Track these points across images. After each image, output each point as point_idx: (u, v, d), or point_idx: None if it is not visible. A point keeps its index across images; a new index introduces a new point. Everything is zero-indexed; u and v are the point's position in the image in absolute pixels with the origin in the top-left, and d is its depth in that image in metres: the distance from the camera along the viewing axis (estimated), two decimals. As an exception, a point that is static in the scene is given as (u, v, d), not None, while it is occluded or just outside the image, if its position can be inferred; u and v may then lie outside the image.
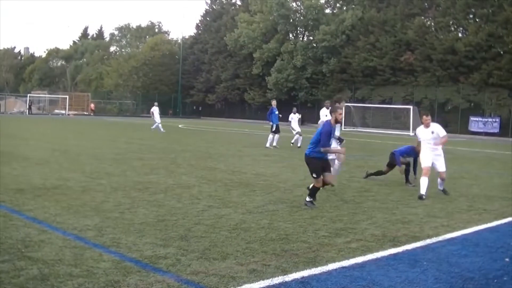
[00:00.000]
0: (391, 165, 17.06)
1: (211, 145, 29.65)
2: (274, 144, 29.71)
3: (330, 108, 14.10)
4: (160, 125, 42.30)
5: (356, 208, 12.00)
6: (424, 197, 13.56)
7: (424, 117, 14.84)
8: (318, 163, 11.95)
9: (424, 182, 13.78)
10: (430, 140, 14.43)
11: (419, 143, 15.23)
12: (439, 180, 14.55)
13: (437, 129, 14.40)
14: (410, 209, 12.15)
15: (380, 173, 17.39)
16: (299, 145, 30.19)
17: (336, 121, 12.30)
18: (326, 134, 11.65)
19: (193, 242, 8.31)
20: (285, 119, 32.01)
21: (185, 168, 18.28)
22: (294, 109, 33.98)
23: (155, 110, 44.21)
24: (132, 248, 7.81)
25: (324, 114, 19.03)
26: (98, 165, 17.85)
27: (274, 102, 32.29)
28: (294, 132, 31.43)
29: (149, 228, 9.13)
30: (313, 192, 12.04)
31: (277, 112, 30.81)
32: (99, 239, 8.26)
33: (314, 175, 11.96)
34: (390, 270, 7.41)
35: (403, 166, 16.84)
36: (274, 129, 30.05)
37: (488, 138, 60.30)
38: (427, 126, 14.60)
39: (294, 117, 32.26)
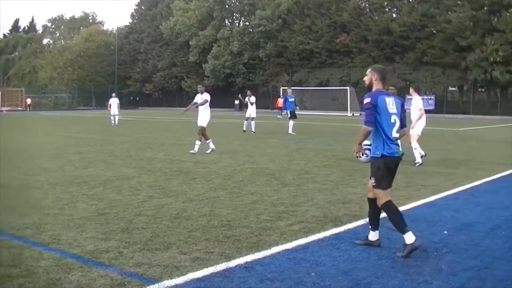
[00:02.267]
0: None
1: (150, 135, 29.47)
2: (290, 131, 30.58)
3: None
4: (112, 117, 40.75)
5: (297, 190, 12.07)
6: None
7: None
8: None
9: None
10: None
11: None
12: None
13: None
14: (350, 188, 12.28)
15: None
16: (253, 130, 31.01)
17: None
18: None
19: (135, 234, 8.26)
20: (230, 105, 31.90)
21: (124, 159, 18.13)
22: (248, 91, 33.75)
23: (114, 101, 42.52)
24: (73, 244, 7.71)
25: None
26: (34, 161, 17.58)
27: (289, 90, 33.58)
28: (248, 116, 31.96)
29: (89, 222, 9.02)
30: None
31: (292, 100, 31.65)
32: (38, 237, 8.12)
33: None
34: (333, 250, 7.49)
35: None
36: (290, 115, 31.19)
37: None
38: None
39: (251, 100, 32.13)
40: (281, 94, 35.37)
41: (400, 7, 70.73)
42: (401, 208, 9.71)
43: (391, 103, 7.48)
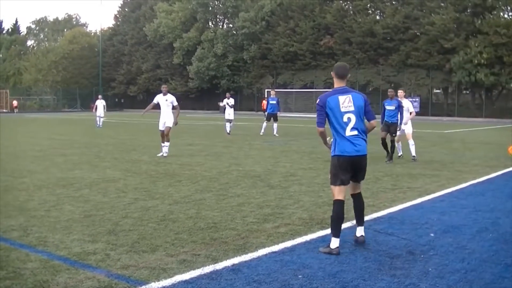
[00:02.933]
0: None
1: (135, 137, 29.43)
2: (262, 132, 31.51)
3: None
4: (97, 118, 40.77)
5: (283, 193, 12.08)
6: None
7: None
8: None
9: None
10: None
11: None
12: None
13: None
14: (336, 191, 12.31)
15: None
16: (228, 131, 31.27)
17: None
18: None
19: (122, 236, 8.24)
20: (214, 107, 31.82)
21: (109, 161, 18.10)
22: (228, 94, 33.89)
23: (100, 103, 42.05)
24: (59, 246, 7.69)
25: None
26: (19, 163, 17.50)
27: (272, 92, 33.77)
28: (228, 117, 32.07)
29: (76, 224, 9.00)
30: None
31: (273, 102, 32.09)
32: (25, 239, 8.10)
33: None
34: (320, 253, 7.49)
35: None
36: (267, 117, 32.30)
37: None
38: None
39: (229, 103, 32.62)
40: (265, 96, 35.56)
41: (383, 9, 70.86)
42: (387, 211, 9.81)
43: (346, 102, 7.69)
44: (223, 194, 11.91)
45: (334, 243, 7.51)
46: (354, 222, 8.38)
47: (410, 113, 19.29)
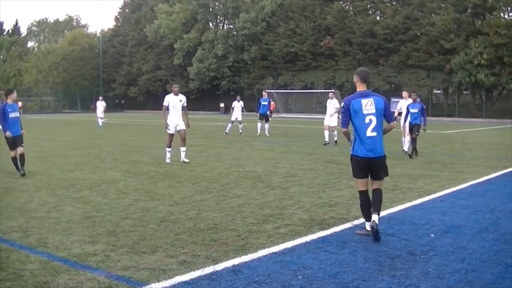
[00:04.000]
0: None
1: (135, 138, 29.43)
2: (258, 132, 31.51)
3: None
4: (98, 119, 40.93)
5: (283, 193, 12.09)
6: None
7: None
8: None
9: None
10: None
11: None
12: None
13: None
14: (336, 191, 12.31)
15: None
16: (240, 131, 31.81)
17: None
18: None
19: (122, 237, 8.25)
20: (215, 108, 31.73)
21: (110, 162, 18.10)
22: (238, 97, 34.00)
23: (100, 104, 42.26)
24: (59, 247, 7.70)
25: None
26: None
27: (264, 93, 33.59)
28: (238, 120, 32.37)
29: (76, 225, 9.01)
30: None
31: (264, 103, 32.04)
32: (25, 240, 8.11)
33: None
34: (320, 253, 7.50)
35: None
36: (260, 117, 31.97)
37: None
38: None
39: (237, 105, 32.73)
40: (265, 96, 35.93)
41: (383, 9, 70.81)
42: (388, 211, 9.81)
43: (368, 104, 8.42)
44: (223, 195, 11.91)
45: (368, 226, 8.38)
46: (354, 222, 8.75)
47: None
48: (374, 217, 8.21)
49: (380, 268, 6.88)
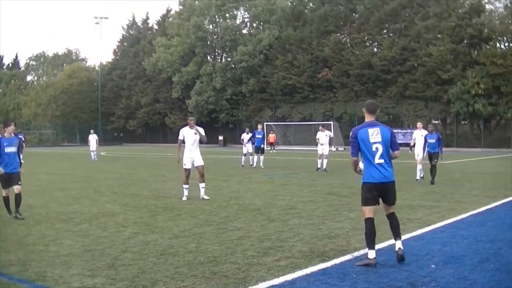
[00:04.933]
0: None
1: (134, 171, 29.42)
2: (254, 165, 32.05)
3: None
4: (91, 153, 41.01)
5: (283, 226, 12.05)
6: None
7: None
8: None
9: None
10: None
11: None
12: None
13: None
14: (336, 223, 12.27)
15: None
16: (251, 163, 32.28)
17: None
18: None
19: (121, 270, 8.22)
20: (214, 141, 31.92)
21: (109, 196, 18.08)
22: (247, 129, 34.49)
23: (92, 137, 42.31)
24: (59, 281, 7.67)
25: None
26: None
27: (259, 126, 34.47)
28: (249, 152, 32.99)
29: (75, 259, 8.98)
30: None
31: (259, 136, 32.79)
32: (24, 273, 8.08)
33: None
34: (320, 285, 7.47)
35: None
36: (255, 150, 32.66)
37: (407, 149, 61.29)
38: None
39: (246, 137, 33.24)
40: (265, 129, 35.93)
41: (380, 41, 71.17)
42: (387, 242, 9.77)
43: (375, 134, 8.88)
44: (223, 227, 11.88)
45: (371, 254, 8.54)
46: (355, 254, 8.80)
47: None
48: (398, 244, 8.73)
49: (382, 300, 6.84)
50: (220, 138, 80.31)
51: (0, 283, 7.60)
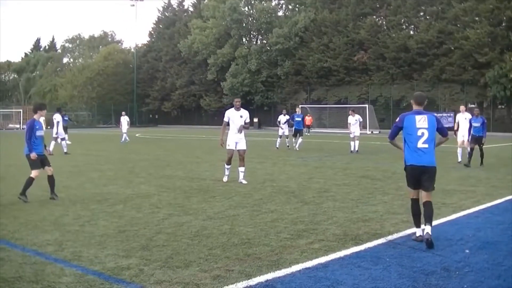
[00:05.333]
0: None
1: (169, 153, 29.54)
2: (297, 147, 32.14)
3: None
4: (125, 135, 41.32)
5: (317, 209, 12.04)
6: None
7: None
8: None
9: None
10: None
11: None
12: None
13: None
14: (370, 207, 12.23)
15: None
16: (287, 145, 33.08)
17: None
18: None
19: (155, 251, 8.28)
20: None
21: (144, 177, 18.18)
22: (284, 111, 35.45)
23: (124, 119, 42.63)
24: (94, 261, 7.75)
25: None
26: (55, 178, 17.62)
27: (298, 109, 35.35)
28: (285, 134, 33.53)
29: (110, 239, 9.06)
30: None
31: (298, 119, 33.47)
32: (60, 253, 8.18)
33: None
34: (354, 269, 7.45)
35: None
36: (293, 132, 33.02)
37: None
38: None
39: (283, 119, 33.67)
40: (298, 112, 36.15)
41: (417, 24, 70.54)
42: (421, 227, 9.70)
43: (422, 120, 9.18)
44: (257, 210, 11.90)
45: (417, 232, 9.19)
46: (388, 238, 9.01)
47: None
48: (427, 229, 8.75)
49: (415, 284, 6.81)
50: (255, 120, 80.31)
51: (37, 262, 7.70)
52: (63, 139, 29.64)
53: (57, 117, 29.27)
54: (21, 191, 13.36)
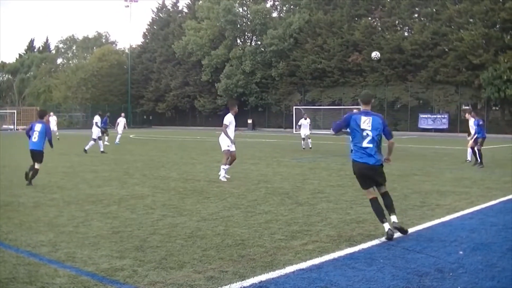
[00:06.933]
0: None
1: (163, 154, 29.53)
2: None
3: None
4: (119, 136, 41.28)
5: (311, 210, 12.05)
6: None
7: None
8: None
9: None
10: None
11: None
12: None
13: None
14: (364, 208, 12.22)
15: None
16: (310, 146, 33.28)
17: None
18: None
19: (149, 252, 8.27)
20: (243, 124, 31.84)
21: (138, 178, 18.18)
22: (305, 114, 35.79)
23: (121, 121, 42.85)
24: (87, 262, 7.73)
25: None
26: (49, 179, 17.64)
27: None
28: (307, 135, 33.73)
29: (104, 240, 9.05)
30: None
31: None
32: (54, 254, 8.16)
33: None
34: (347, 270, 7.46)
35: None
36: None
37: (437, 134, 61.26)
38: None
39: (304, 122, 33.88)
40: (294, 113, 35.69)
41: (411, 25, 70.77)
42: (416, 228, 9.77)
43: (367, 121, 9.56)
44: (251, 211, 11.91)
45: (385, 227, 9.25)
46: (382, 239, 8.96)
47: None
48: (393, 218, 9.38)
49: (409, 286, 6.82)
50: (249, 121, 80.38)
51: (31, 263, 7.68)
52: (99, 138, 31.41)
53: (96, 119, 32.40)
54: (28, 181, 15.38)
